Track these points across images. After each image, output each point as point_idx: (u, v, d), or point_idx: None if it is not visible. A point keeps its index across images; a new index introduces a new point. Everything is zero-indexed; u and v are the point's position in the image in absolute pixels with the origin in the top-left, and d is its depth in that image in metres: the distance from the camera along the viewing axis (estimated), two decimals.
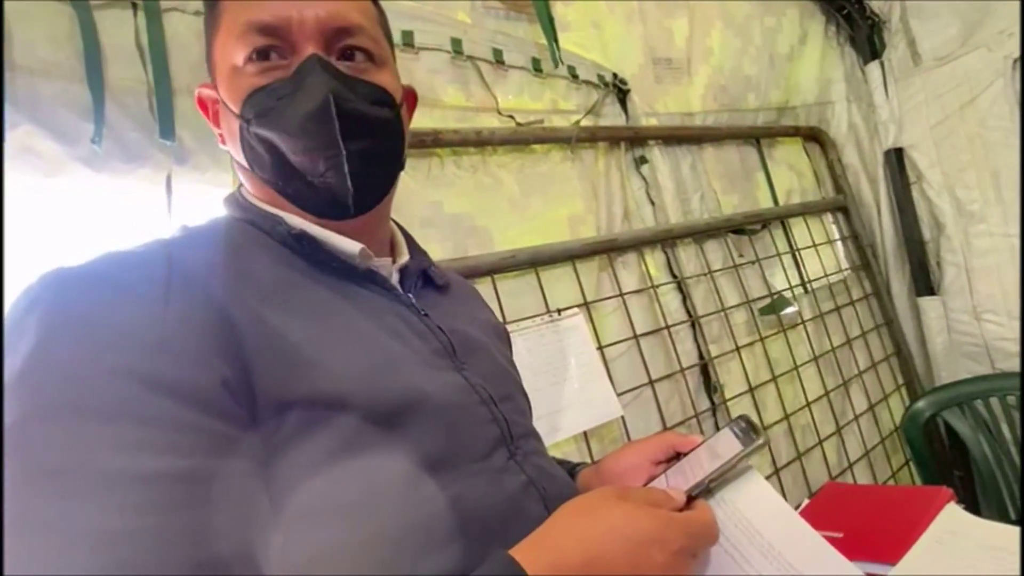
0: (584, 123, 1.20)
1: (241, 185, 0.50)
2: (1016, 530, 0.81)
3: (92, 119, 0.77)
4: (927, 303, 1.64)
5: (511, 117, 1.11)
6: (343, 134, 0.41)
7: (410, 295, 0.48)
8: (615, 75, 1.28)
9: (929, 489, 0.98)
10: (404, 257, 0.51)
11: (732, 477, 0.44)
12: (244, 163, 0.46)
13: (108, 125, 0.78)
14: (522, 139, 1.11)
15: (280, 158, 0.43)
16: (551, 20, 1.14)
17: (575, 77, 1.21)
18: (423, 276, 0.53)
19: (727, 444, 0.44)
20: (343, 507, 0.33)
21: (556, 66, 1.15)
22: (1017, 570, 0.70)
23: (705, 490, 0.43)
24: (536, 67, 1.16)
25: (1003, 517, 1.31)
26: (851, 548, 0.78)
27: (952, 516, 0.83)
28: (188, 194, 0.86)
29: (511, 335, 0.96)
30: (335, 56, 0.43)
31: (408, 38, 1.02)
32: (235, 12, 0.43)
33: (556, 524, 0.36)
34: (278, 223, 0.44)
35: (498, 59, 1.12)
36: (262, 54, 0.42)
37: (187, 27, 0.86)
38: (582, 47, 1.25)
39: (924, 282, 1.65)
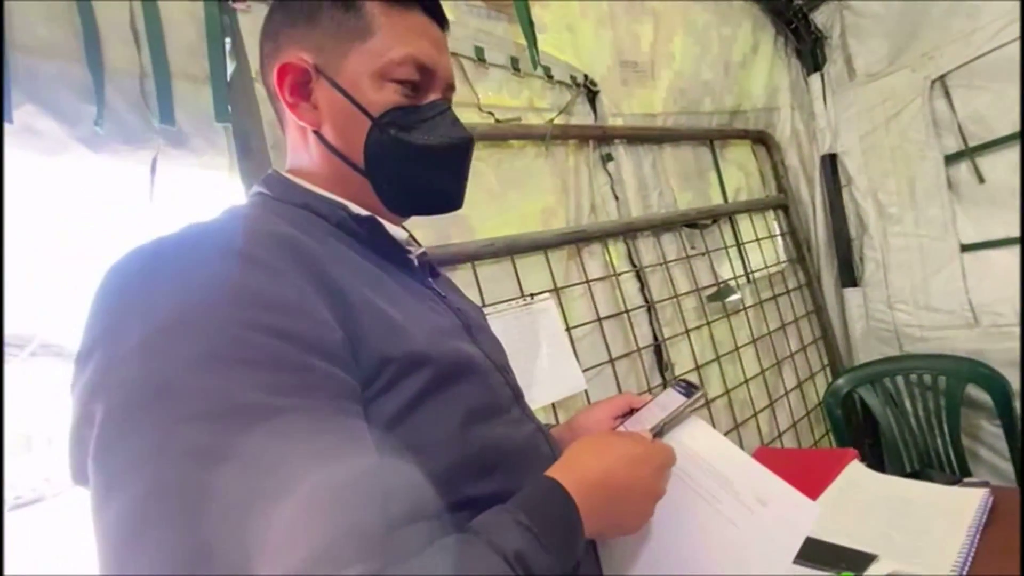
0: (557, 121, 1.29)
1: (275, 172, 0.56)
2: (907, 481, 0.99)
3: (90, 100, 0.79)
4: (850, 293, 1.85)
5: (491, 113, 1.19)
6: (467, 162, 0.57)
7: (429, 280, 0.58)
8: (586, 76, 1.37)
9: (838, 451, 1.17)
10: (421, 248, 0.61)
11: (679, 423, 0.57)
12: (345, 152, 0.52)
13: (107, 107, 0.81)
14: (500, 135, 1.19)
15: (409, 159, 0.52)
16: (531, 23, 1.21)
17: (550, 77, 1.30)
18: (429, 264, 0.62)
19: (672, 398, 0.57)
20: (427, 439, 0.42)
21: (535, 67, 1.23)
22: (897, 504, 0.87)
23: (659, 433, 0.56)
24: (515, 66, 1.24)
25: (901, 474, 1.54)
26: None
27: (855, 471, 1.00)
28: (185, 177, 0.89)
29: (490, 317, 1.06)
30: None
31: None
32: (394, 34, 0.51)
33: (575, 453, 0.48)
34: (341, 208, 0.52)
35: (480, 57, 1.19)
36: (406, 83, 0.52)
37: (183, 11, 0.89)
38: (557, 49, 1.33)
39: (848, 275, 1.86)
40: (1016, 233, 1.49)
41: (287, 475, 0.31)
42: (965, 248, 1.59)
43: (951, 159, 1.60)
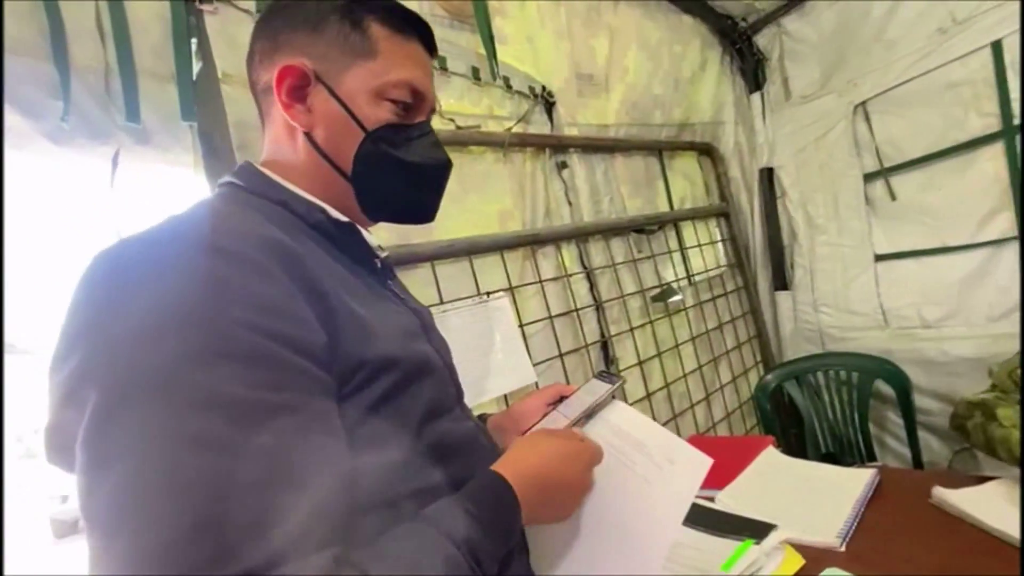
0: (515, 130, 1.36)
1: (250, 164, 0.57)
2: (812, 464, 1.12)
3: (56, 96, 0.81)
4: (781, 296, 2.02)
5: (452, 120, 1.25)
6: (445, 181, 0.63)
7: (389, 282, 0.63)
8: (544, 87, 1.45)
9: (758, 438, 1.30)
10: (385, 252, 0.64)
11: (605, 406, 0.67)
12: (333, 157, 0.55)
13: (73, 103, 0.82)
14: (461, 141, 1.25)
15: (397, 173, 0.58)
16: (491, 36, 1.28)
17: (509, 87, 1.37)
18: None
19: (598, 386, 0.68)
20: (389, 435, 0.47)
21: (494, 79, 1.30)
22: (801, 483, 1.00)
23: (588, 415, 0.65)
24: (476, 76, 1.30)
25: (817, 457, 1.71)
26: None
27: (770, 456, 1.13)
28: (150, 173, 0.91)
29: (448, 314, 1.13)
30: None
31: None
32: (395, 60, 0.56)
33: (516, 450, 0.54)
34: (318, 211, 0.54)
35: (442, 65, 1.24)
36: (399, 103, 0.56)
37: (149, 11, 0.90)
38: (517, 60, 1.40)
39: (780, 279, 2.03)
40: (921, 246, 1.68)
41: (274, 465, 0.34)
42: (879, 258, 1.78)
43: (869, 177, 1.77)
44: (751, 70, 2.03)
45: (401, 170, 0.57)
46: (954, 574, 0.71)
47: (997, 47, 1.47)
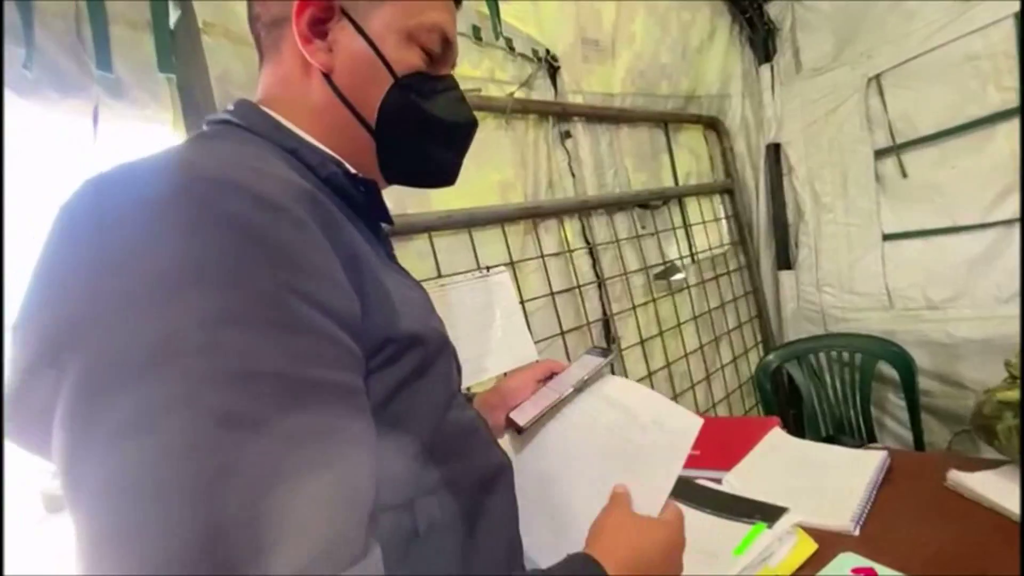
0: (517, 95, 1.29)
1: (248, 102, 0.49)
2: (820, 445, 1.09)
3: (19, 41, 0.74)
4: (784, 276, 1.98)
5: None
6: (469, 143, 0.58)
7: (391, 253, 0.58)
8: (548, 51, 1.38)
9: (762, 419, 1.27)
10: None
11: (597, 379, 0.66)
12: (356, 104, 0.49)
13: (39, 51, 0.75)
14: None
15: (423, 127, 0.51)
16: None
17: (512, 49, 1.29)
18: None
19: (590, 360, 0.67)
20: (410, 422, 0.42)
21: (497, 38, 1.22)
22: (809, 465, 0.97)
23: (579, 390, 0.65)
24: (476, 35, 1.23)
25: (817, 439, 1.70)
26: (703, 460, 1.03)
27: (776, 437, 1.10)
28: (124, 130, 0.84)
29: (446, 288, 1.08)
30: None
31: None
32: (426, 1, 0.50)
33: (614, 529, 0.49)
34: (333, 163, 0.47)
35: None
36: (429, 51, 0.50)
37: None
38: (520, 20, 1.33)
39: (784, 258, 1.99)
40: (931, 225, 1.64)
41: (312, 458, 0.29)
42: (887, 237, 1.74)
43: (880, 154, 1.72)
44: (761, 41, 1.96)
45: (429, 125, 0.51)
46: (971, 558, 0.68)
47: (1021, 18, 1.40)
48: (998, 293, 1.51)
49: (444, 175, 0.57)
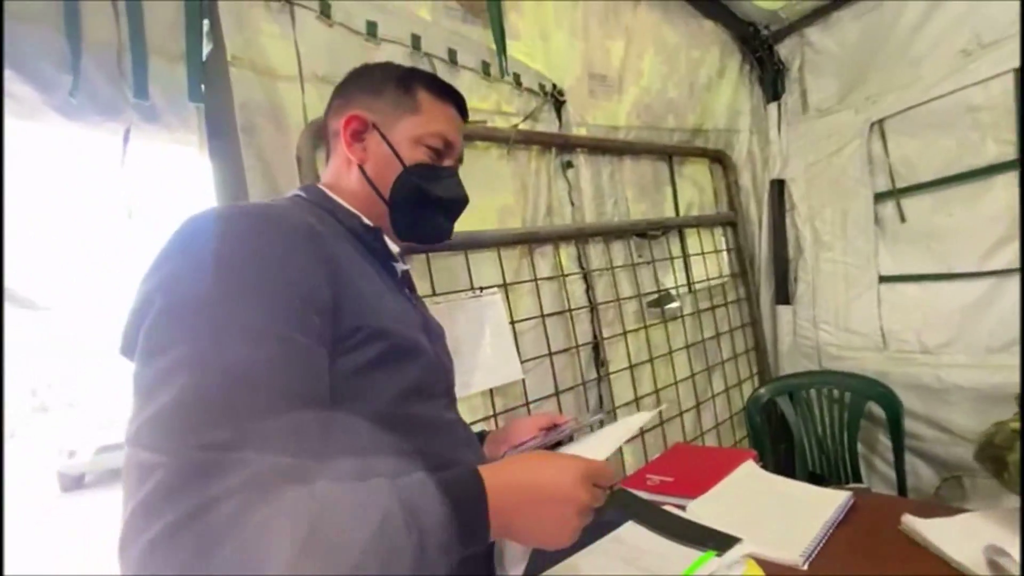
0: (522, 126, 1.37)
1: (315, 185, 0.74)
2: (789, 481, 1.12)
3: (67, 69, 0.83)
4: (782, 310, 2.01)
5: None
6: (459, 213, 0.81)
7: (406, 290, 0.74)
8: (554, 85, 1.45)
9: (739, 451, 1.30)
10: (407, 266, 0.79)
11: (586, 432, 0.76)
12: (378, 185, 0.72)
13: (83, 78, 0.85)
14: (467, 135, 1.25)
15: (422, 201, 0.74)
16: (503, 34, 1.28)
17: (519, 84, 1.37)
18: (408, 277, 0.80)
19: (585, 418, 0.74)
20: (370, 396, 0.56)
21: (503, 76, 1.30)
22: (774, 499, 1.01)
23: (569, 438, 0.76)
24: (485, 71, 1.31)
25: (805, 475, 1.72)
26: (673, 487, 1.07)
27: (748, 469, 1.13)
28: (157, 152, 0.94)
29: (439, 306, 1.14)
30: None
31: (372, 29, 1.13)
32: (433, 116, 0.74)
33: (507, 460, 0.56)
34: (356, 218, 0.70)
35: (452, 59, 1.25)
36: (433, 150, 0.74)
37: None
38: (529, 56, 1.40)
39: (783, 293, 2.01)
40: (927, 270, 1.66)
41: (272, 374, 0.46)
42: (883, 279, 1.76)
43: (880, 197, 1.75)
44: (770, 80, 2.01)
45: (427, 199, 0.74)
46: None
47: (1021, 73, 1.43)
48: (990, 342, 1.52)
49: (438, 234, 0.79)
